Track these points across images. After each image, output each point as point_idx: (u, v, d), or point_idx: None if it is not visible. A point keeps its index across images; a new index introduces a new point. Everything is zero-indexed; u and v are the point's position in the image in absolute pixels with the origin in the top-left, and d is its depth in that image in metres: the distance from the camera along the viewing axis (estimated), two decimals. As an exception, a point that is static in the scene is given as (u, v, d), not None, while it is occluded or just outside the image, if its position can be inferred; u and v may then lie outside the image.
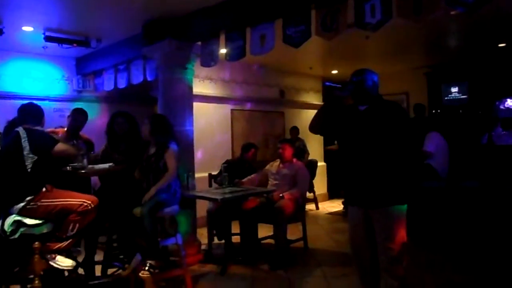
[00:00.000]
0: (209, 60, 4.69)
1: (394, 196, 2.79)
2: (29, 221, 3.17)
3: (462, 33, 5.94)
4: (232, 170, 5.07)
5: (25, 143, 3.22)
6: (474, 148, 6.94)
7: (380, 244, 2.83)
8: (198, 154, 5.62)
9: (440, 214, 5.39)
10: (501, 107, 7.66)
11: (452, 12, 4.33)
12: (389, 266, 2.80)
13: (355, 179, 2.92)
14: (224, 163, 5.24)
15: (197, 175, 5.24)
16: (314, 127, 3.10)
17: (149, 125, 4.18)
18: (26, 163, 3.20)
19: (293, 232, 5.24)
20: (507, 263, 4.41)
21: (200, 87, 6.68)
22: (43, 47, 5.63)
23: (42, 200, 3.22)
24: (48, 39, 5.24)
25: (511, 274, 4.13)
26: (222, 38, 4.53)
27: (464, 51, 6.96)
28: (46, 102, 6.09)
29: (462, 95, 7.80)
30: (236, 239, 5.01)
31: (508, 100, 7.58)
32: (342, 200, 7.79)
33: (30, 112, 3.47)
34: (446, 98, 7.98)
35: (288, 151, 5.21)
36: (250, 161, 5.63)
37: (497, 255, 4.66)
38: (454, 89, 7.90)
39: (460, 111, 7.76)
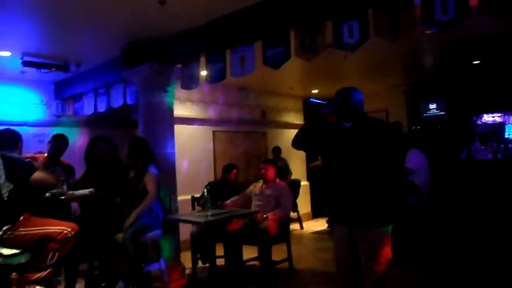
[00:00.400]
0: (189, 82, 4.68)
1: (379, 217, 2.75)
2: (6, 251, 3.08)
3: (438, 52, 6.08)
4: (215, 192, 5.03)
5: (1, 171, 3.14)
6: (454, 164, 7.06)
7: (364, 265, 2.79)
8: (181, 174, 5.56)
9: (423, 230, 5.43)
10: (478, 122, 7.83)
11: (428, 32, 4.43)
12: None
13: (339, 198, 2.88)
14: (206, 186, 5.19)
15: (179, 197, 5.19)
16: (297, 143, 3.08)
17: (127, 148, 4.15)
18: (2, 192, 3.12)
19: (278, 253, 5.19)
20: (489, 276, 4.44)
21: (181, 109, 6.66)
22: (21, 72, 5.58)
23: (20, 229, 3.13)
24: (26, 64, 5.18)
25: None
26: (203, 60, 4.54)
27: (440, 68, 7.12)
28: (25, 127, 5.98)
29: (440, 111, 7.94)
30: (220, 261, 4.93)
31: (485, 115, 7.76)
32: (326, 219, 7.79)
33: (6, 139, 3.40)
34: (424, 114, 8.11)
35: (270, 171, 5.20)
36: (232, 182, 5.59)
37: (479, 268, 4.69)
38: (432, 106, 8.04)
39: (439, 127, 7.89)
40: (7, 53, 5.03)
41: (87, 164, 4.44)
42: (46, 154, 4.49)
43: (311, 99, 3.04)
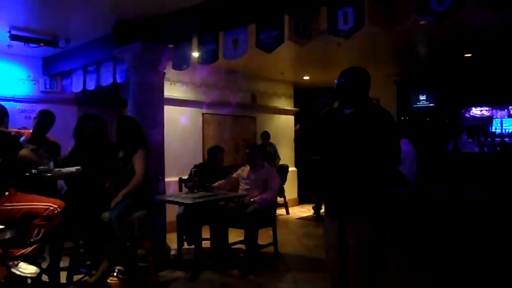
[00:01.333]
0: (181, 63, 4.64)
1: (373, 211, 2.49)
2: (-10, 226, 3.05)
3: (430, 43, 6.10)
4: (201, 175, 5.02)
5: (-13, 146, 3.10)
6: (441, 155, 7.13)
7: (350, 263, 2.56)
8: (169, 155, 5.53)
9: (407, 219, 5.51)
10: (467, 115, 7.91)
11: (422, 22, 4.43)
12: None
13: (333, 188, 2.63)
14: (194, 168, 5.18)
15: (167, 179, 5.17)
16: (299, 140, 2.86)
17: (115, 128, 4.11)
18: (-12, 166, 3.08)
19: (264, 237, 5.23)
20: (470, 265, 4.54)
21: (171, 91, 6.60)
22: (8, 45, 5.46)
23: (5, 204, 3.10)
24: (14, 37, 5.06)
25: (476, 276, 4.24)
26: (195, 41, 4.50)
27: (432, 60, 7.14)
28: (11, 102, 5.88)
29: (430, 103, 8.00)
30: (206, 244, 4.95)
31: (473, 108, 7.85)
32: (313, 205, 7.85)
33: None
34: (414, 105, 8.16)
35: (256, 157, 5.20)
36: (218, 164, 5.57)
37: (461, 258, 4.79)
38: (422, 97, 8.10)
39: (428, 118, 7.95)
40: (-6, 26, 4.92)
41: (76, 141, 4.39)
42: (31, 130, 4.44)
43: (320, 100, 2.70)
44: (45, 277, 3.67)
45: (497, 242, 4.97)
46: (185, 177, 5.42)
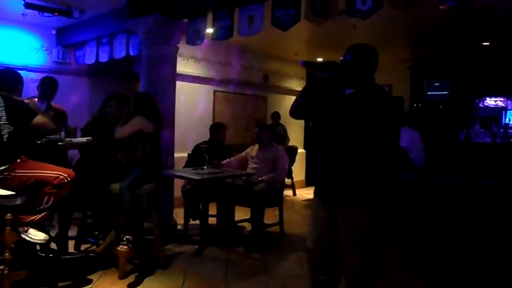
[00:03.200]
0: (195, 38, 4.61)
1: (368, 197, 2.35)
2: (1, 191, 3.07)
3: (448, 29, 5.98)
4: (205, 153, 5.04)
5: (2, 113, 3.11)
6: (452, 144, 7.07)
7: (344, 249, 2.42)
8: (179, 131, 5.54)
9: (415, 206, 5.49)
10: (481, 105, 7.80)
11: (442, 6, 4.34)
12: (352, 276, 2.43)
13: (326, 169, 2.49)
14: (201, 145, 5.19)
15: (176, 155, 5.19)
16: (295, 110, 2.63)
17: (132, 103, 4.11)
18: (2, 133, 3.09)
19: (270, 216, 5.25)
20: (476, 254, 4.53)
21: (183, 66, 6.58)
22: (22, 14, 5.44)
23: (17, 171, 3.13)
24: (28, 6, 5.04)
25: (481, 266, 4.24)
26: (210, 17, 4.45)
27: (448, 47, 7.02)
28: (24, 72, 5.83)
29: (444, 91, 7.88)
30: (212, 220, 4.99)
31: (488, 99, 7.73)
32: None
33: (7, 79, 3.33)
34: (428, 92, 8.05)
35: (265, 134, 5.19)
36: (220, 141, 5.50)
37: (468, 247, 4.78)
38: (437, 84, 7.98)
39: (441, 106, 7.86)
40: (9, -7, 4.91)
41: (98, 115, 4.38)
42: (36, 99, 4.39)
43: (304, 62, 2.58)
44: (53, 245, 3.74)
45: (505, 233, 4.94)
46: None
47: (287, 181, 7.19)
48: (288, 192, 7.87)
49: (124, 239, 3.67)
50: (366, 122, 2.29)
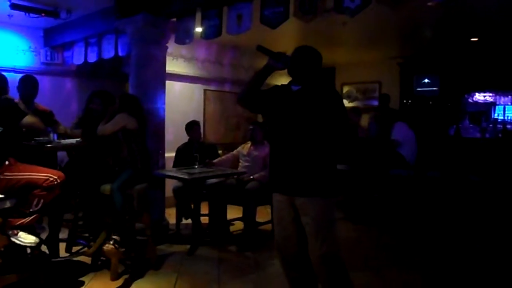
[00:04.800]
0: (184, 37, 4.60)
1: (321, 184, 2.54)
2: (-10, 195, 3.04)
3: (436, 26, 6.01)
4: (183, 155, 5.09)
5: (-11, 114, 3.08)
6: (442, 139, 7.12)
7: (308, 240, 2.59)
8: (170, 131, 5.52)
9: (406, 201, 5.53)
10: (470, 100, 7.87)
11: (429, 3, 4.36)
12: (318, 265, 2.57)
13: (280, 164, 2.66)
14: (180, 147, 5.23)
15: (167, 154, 5.18)
16: (243, 98, 2.76)
17: (118, 104, 4.10)
18: (-10, 134, 3.06)
19: (262, 214, 5.25)
20: (466, 248, 4.57)
21: (173, 66, 6.55)
22: (8, 15, 5.38)
23: (5, 174, 3.09)
24: (14, 7, 4.99)
25: (473, 259, 4.28)
26: (198, 16, 4.44)
27: (437, 43, 7.05)
28: (11, 73, 5.81)
29: (433, 87, 7.92)
30: (204, 219, 4.98)
31: (477, 94, 7.79)
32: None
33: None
34: (418, 89, 8.09)
35: (258, 133, 5.20)
36: (198, 140, 5.39)
37: (458, 241, 4.82)
38: (426, 81, 8.02)
39: (430, 102, 7.90)
40: (-6, -6, 4.84)
41: (84, 115, 4.38)
42: (18, 100, 4.27)
43: (259, 46, 2.67)
44: (44, 248, 3.71)
45: (496, 227, 4.99)
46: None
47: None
48: (280, 190, 7.85)
49: (112, 239, 3.65)
50: (312, 116, 2.51)
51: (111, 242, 3.63)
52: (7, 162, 3.13)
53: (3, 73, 3.70)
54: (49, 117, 4.38)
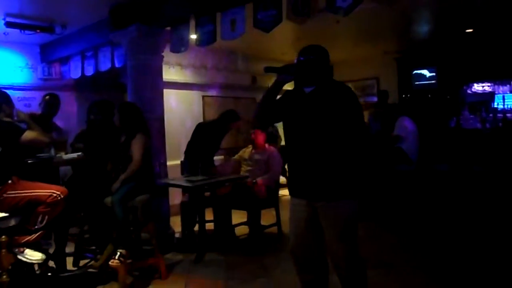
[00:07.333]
0: (179, 45, 4.60)
1: (343, 188, 2.49)
2: (-6, 214, 3.06)
3: (431, 19, 6.01)
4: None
5: (-13, 134, 3.09)
6: (443, 132, 7.11)
7: (329, 246, 2.56)
8: (170, 139, 5.53)
9: (410, 196, 5.52)
10: (468, 91, 7.84)
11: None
12: (342, 267, 2.55)
13: (299, 168, 2.62)
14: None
15: (169, 163, 5.17)
16: (259, 116, 2.75)
17: (117, 114, 4.11)
18: (-10, 155, 3.08)
19: (267, 217, 5.25)
20: (473, 241, 4.56)
21: (170, 74, 6.56)
22: (4, 33, 5.41)
23: (8, 192, 3.11)
24: (9, 25, 5.01)
25: (477, 253, 4.27)
26: (192, 23, 4.45)
27: (433, 36, 7.04)
28: (10, 91, 5.78)
29: (431, 80, 7.91)
30: (209, 226, 4.98)
31: (475, 84, 7.77)
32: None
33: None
34: (416, 83, 8.08)
35: (260, 137, 5.21)
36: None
37: (464, 234, 4.81)
38: (424, 74, 8.01)
39: (429, 95, 7.89)
40: (-12, 14, 4.86)
41: (86, 127, 4.43)
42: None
43: (266, 67, 2.64)
44: (51, 263, 3.72)
45: (500, 218, 4.98)
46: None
47: (282, 180, 7.18)
48: (284, 192, 7.83)
49: (118, 253, 3.64)
50: (329, 116, 2.43)
51: (117, 257, 3.63)
52: (10, 181, 3.14)
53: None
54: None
